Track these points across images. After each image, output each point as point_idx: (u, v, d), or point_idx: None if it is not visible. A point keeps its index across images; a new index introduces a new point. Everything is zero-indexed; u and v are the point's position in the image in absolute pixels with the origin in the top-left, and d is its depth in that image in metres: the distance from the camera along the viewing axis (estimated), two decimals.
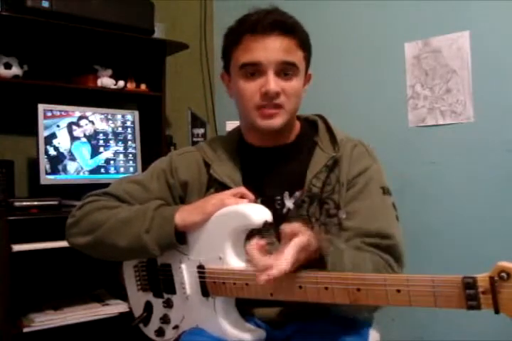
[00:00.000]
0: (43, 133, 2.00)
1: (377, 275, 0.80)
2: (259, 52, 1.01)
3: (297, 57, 1.04)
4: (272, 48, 1.01)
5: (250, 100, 1.03)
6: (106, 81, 2.20)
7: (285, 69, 1.02)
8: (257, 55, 1.01)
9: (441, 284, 0.72)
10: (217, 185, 1.09)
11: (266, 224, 0.93)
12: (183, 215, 1.00)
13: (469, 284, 0.69)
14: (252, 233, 0.98)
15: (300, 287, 0.85)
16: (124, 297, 1.20)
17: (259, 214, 0.94)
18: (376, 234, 1.00)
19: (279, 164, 1.11)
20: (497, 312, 0.69)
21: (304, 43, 1.06)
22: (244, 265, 0.95)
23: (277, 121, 1.04)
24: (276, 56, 1.01)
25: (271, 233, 1.03)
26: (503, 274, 0.67)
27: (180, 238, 1.01)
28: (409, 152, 2.01)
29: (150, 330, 1.11)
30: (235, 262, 0.96)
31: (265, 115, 1.03)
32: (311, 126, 1.16)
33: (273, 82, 1.00)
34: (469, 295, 0.69)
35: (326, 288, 0.82)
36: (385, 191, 1.07)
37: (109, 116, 2.20)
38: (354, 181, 1.05)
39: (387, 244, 1.00)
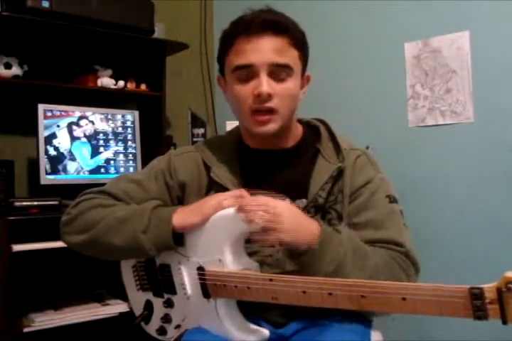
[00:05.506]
0: (43, 133, 2.00)
1: (382, 283, 0.79)
2: (251, 54, 1.00)
3: (291, 57, 1.02)
4: (263, 49, 1.00)
5: (244, 104, 1.02)
6: (106, 81, 2.20)
7: (278, 71, 1.01)
8: (248, 57, 1.00)
9: (448, 294, 0.72)
10: (218, 188, 1.08)
11: None
12: (181, 217, 0.99)
13: (476, 295, 0.69)
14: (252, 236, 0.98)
15: (304, 292, 0.85)
16: (124, 297, 1.20)
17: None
18: (388, 241, 1.00)
19: (279, 169, 1.10)
20: (505, 322, 0.68)
21: (298, 42, 1.04)
22: (244, 268, 0.95)
23: (271, 127, 1.03)
24: (268, 57, 0.99)
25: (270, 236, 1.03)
26: (511, 285, 0.67)
27: (178, 239, 1.00)
28: (409, 152, 2.01)
29: (151, 329, 1.11)
30: (235, 265, 0.95)
31: (259, 121, 1.02)
32: (312, 131, 1.15)
33: (265, 84, 0.99)
34: (476, 305, 0.69)
35: (330, 294, 0.82)
36: (392, 199, 1.06)
37: (109, 116, 2.20)
38: (358, 192, 1.05)
39: (400, 251, 0.99)
